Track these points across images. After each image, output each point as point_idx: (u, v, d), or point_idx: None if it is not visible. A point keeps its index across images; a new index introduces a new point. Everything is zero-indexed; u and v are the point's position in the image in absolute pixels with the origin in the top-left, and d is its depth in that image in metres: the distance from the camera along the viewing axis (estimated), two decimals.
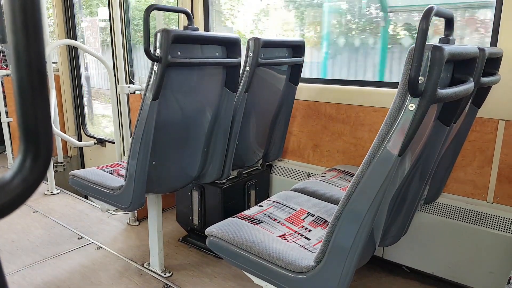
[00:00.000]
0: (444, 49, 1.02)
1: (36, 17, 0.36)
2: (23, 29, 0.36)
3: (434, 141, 1.40)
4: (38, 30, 0.37)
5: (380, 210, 1.18)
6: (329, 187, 2.05)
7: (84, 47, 3.43)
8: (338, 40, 2.79)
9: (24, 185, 0.38)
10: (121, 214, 3.02)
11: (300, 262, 1.29)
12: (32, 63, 0.37)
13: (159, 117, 1.82)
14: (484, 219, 2.00)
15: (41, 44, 0.37)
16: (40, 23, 0.37)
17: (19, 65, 0.36)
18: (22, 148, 0.39)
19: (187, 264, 2.38)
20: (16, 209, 0.38)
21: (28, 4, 0.35)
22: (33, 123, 0.38)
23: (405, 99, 1.06)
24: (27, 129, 0.38)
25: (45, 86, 0.38)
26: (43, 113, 0.38)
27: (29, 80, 0.37)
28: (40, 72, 0.38)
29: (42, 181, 0.42)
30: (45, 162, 0.39)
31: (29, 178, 0.38)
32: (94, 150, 4.26)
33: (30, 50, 0.36)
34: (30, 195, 0.39)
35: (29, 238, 2.67)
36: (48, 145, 0.39)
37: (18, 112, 0.38)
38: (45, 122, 0.39)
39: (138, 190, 1.87)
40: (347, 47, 2.76)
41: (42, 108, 0.38)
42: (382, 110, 2.33)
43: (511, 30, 1.88)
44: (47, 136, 0.39)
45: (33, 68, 0.37)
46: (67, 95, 4.24)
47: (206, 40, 1.95)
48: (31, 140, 0.38)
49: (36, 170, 0.39)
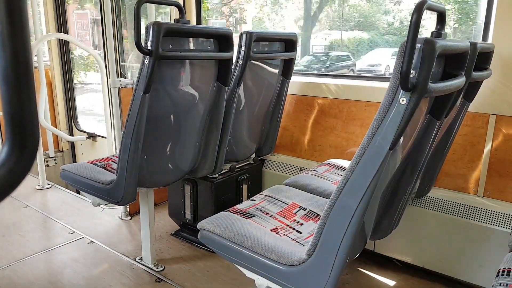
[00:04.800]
0: (436, 43, 1.02)
1: (21, 6, 0.35)
2: (8, 18, 0.35)
3: (425, 135, 1.41)
4: (24, 19, 0.36)
5: (371, 204, 1.19)
6: (321, 181, 2.06)
7: (75, 41, 3.39)
8: None
9: (10, 177, 0.37)
10: (112, 209, 3.01)
11: (292, 255, 1.30)
12: (18, 53, 0.36)
13: (150, 110, 1.81)
14: (474, 213, 2.02)
15: (26, 34, 0.36)
16: (25, 12, 0.36)
17: (4, 55, 0.36)
18: (8, 140, 0.38)
19: (179, 258, 2.38)
20: (1, 200, 0.38)
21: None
22: (19, 114, 0.38)
23: (397, 93, 1.06)
24: (13, 120, 0.38)
25: (31, 76, 0.38)
26: (29, 104, 0.38)
27: (14, 70, 0.36)
28: (26, 62, 0.37)
29: (29, 172, 0.42)
30: (31, 154, 0.39)
31: (15, 169, 0.38)
32: (85, 144, 4.22)
33: (15, 40, 0.36)
34: (16, 186, 0.39)
35: (20, 233, 2.64)
36: (34, 137, 0.39)
37: (4, 103, 0.37)
38: (31, 113, 0.38)
39: (130, 184, 1.86)
40: None
41: (28, 99, 0.38)
42: (374, 104, 2.34)
43: (502, 25, 1.89)
44: (33, 127, 0.38)
45: (19, 58, 0.36)
46: (58, 90, 4.19)
47: (198, 33, 1.93)
48: (17, 132, 0.38)
49: (22, 162, 0.38)
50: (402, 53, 1.02)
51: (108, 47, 2.74)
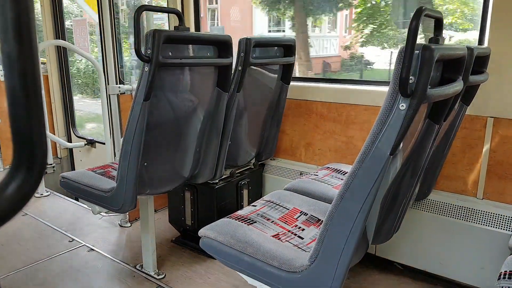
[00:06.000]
0: (434, 49, 1.03)
1: (30, 26, 0.36)
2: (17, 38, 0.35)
3: (425, 139, 1.42)
4: (32, 40, 0.36)
5: (373, 209, 1.19)
6: (322, 185, 2.06)
7: (74, 47, 3.39)
8: None
9: (18, 195, 0.38)
10: (112, 216, 3.00)
11: (294, 262, 1.30)
12: (26, 72, 0.36)
13: (151, 117, 1.81)
14: (474, 215, 2.03)
15: (35, 54, 0.37)
16: (34, 33, 0.36)
17: (12, 74, 0.36)
18: (16, 157, 0.38)
19: (180, 265, 2.37)
20: (10, 219, 0.38)
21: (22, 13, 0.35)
22: (27, 132, 0.38)
23: (396, 99, 1.07)
24: (21, 138, 0.38)
25: (39, 94, 0.38)
26: (37, 122, 0.38)
27: (22, 89, 0.36)
28: (34, 81, 0.37)
29: (37, 190, 0.42)
30: (39, 171, 0.39)
31: (24, 187, 0.38)
32: (84, 151, 4.21)
33: (23, 59, 0.36)
34: (24, 204, 0.39)
35: (20, 242, 2.63)
36: (42, 154, 0.39)
37: (12, 121, 0.37)
38: (39, 131, 0.38)
39: (130, 191, 1.86)
40: None
41: (36, 117, 0.38)
42: (372, 108, 2.35)
43: (498, 29, 1.91)
44: (41, 145, 0.39)
45: (27, 77, 0.36)
46: (56, 96, 4.18)
47: (198, 40, 1.94)
48: (25, 149, 0.38)
49: (30, 180, 0.38)
50: (401, 59, 1.03)
51: (107, 53, 2.74)
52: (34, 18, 0.37)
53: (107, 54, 2.71)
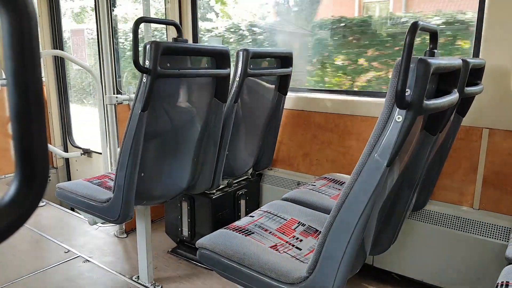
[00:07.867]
0: (429, 62, 1.05)
1: (33, 43, 0.36)
2: (20, 54, 0.35)
3: (421, 150, 1.43)
4: (35, 56, 0.36)
5: (370, 219, 1.20)
6: (319, 196, 2.06)
7: (71, 57, 3.40)
8: None
9: (19, 211, 0.38)
10: (108, 226, 2.97)
11: (292, 273, 1.29)
12: (29, 89, 0.36)
13: (148, 128, 1.81)
14: (470, 226, 2.03)
15: (37, 70, 0.37)
16: (37, 49, 0.37)
17: (15, 91, 0.36)
18: (18, 174, 0.38)
19: (176, 276, 2.35)
20: (11, 235, 0.38)
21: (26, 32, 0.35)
22: (29, 149, 0.38)
23: (393, 111, 1.08)
24: (23, 155, 0.38)
25: (42, 112, 0.38)
26: (40, 139, 0.38)
27: (26, 106, 0.37)
28: (37, 98, 0.37)
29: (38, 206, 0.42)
30: (40, 188, 0.39)
31: (25, 203, 0.38)
32: (80, 161, 4.19)
33: (27, 77, 0.36)
34: (26, 220, 0.39)
35: (14, 253, 2.60)
36: (44, 171, 0.39)
37: (15, 137, 0.38)
38: (42, 148, 0.39)
39: (127, 202, 1.85)
40: None
41: (39, 134, 0.38)
42: (369, 119, 2.37)
43: (492, 41, 1.94)
44: (43, 162, 0.39)
45: (30, 94, 0.37)
46: (53, 106, 4.18)
47: (196, 51, 1.96)
48: (27, 166, 0.38)
49: (31, 196, 0.39)
50: (397, 72, 1.04)
51: (105, 64, 2.75)
52: (38, 36, 0.37)
53: (104, 64, 2.72)
